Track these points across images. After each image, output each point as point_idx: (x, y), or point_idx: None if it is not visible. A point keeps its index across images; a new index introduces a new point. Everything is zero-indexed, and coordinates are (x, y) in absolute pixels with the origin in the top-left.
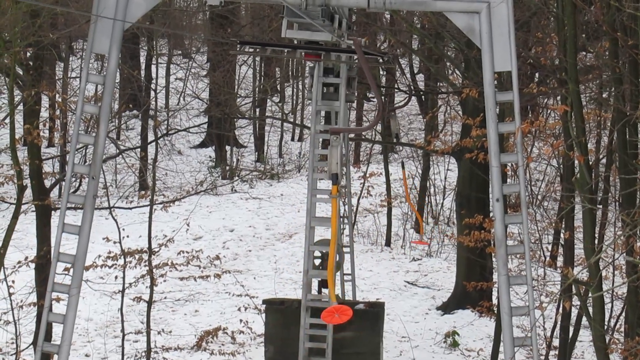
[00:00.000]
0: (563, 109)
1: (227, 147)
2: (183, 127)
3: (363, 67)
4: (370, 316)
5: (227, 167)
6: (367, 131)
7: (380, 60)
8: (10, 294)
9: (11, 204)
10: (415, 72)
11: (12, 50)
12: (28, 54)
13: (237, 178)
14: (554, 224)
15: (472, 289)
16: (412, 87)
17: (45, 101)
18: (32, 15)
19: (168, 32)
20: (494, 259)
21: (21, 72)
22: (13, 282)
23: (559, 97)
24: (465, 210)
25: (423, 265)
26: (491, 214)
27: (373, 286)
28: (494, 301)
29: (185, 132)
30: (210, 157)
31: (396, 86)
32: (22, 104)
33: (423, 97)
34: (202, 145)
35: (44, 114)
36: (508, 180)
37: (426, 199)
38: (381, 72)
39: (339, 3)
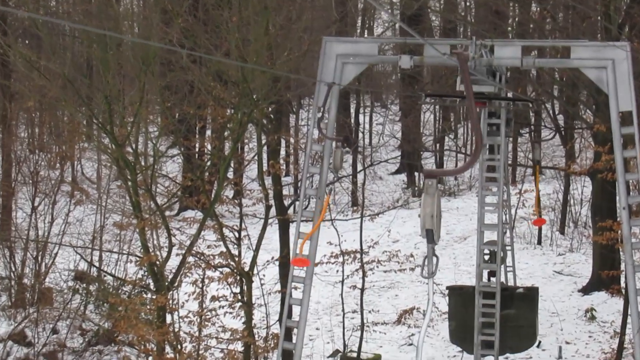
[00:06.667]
0: None
1: (416, 173)
2: (383, 159)
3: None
4: (528, 297)
5: (416, 188)
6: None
7: (530, 105)
8: (261, 284)
9: (260, 218)
10: (557, 113)
11: (260, 107)
12: (270, 109)
13: None
14: None
15: (606, 276)
16: (555, 125)
17: (283, 143)
18: (274, 80)
19: (370, 90)
20: (621, 253)
21: (265, 122)
22: (264, 275)
23: None
24: (599, 217)
25: (567, 259)
26: (619, 219)
27: (529, 275)
28: (623, 284)
29: (385, 162)
30: (403, 181)
31: (543, 124)
32: (266, 146)
33: (563, 132)
34: (397, 172)
35: (282, 152)
36: (631, 192)
37: (567, 208)
38: (531, 114)
39: (499, 63)
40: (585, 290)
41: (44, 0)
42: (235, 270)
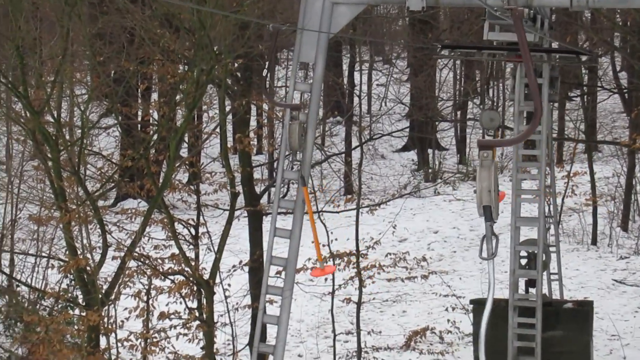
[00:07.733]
0: None
1: (429, 150)
2: (386, 132)
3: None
4: (579, 315)
5: (430, 170)
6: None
7: (583, 58)
8: (226, 297)
9: (225, 210)
10: (618, 69)
11: (223, 62)
12: (236, 65)
13: (440, 180)
14: None
15: None
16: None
17: (253, 110)
18: (241, 27)
19: (370, 40)
20: None
21: (230, 83)
22: (229, 285)
23: None
24: None
25: (631, 264)
26: None
27: (580, 285)
28: None
29: (389, 136)
30: (412, 160)
31: (600, 84)
32: (231, 114)
33: (627, 94)
34: (405, 149)
35: (253, 122)
36: None
37: (632, 197)
38: (583, 71)
39: (542, 3)
40: None
41: None
42: (191, 279)
